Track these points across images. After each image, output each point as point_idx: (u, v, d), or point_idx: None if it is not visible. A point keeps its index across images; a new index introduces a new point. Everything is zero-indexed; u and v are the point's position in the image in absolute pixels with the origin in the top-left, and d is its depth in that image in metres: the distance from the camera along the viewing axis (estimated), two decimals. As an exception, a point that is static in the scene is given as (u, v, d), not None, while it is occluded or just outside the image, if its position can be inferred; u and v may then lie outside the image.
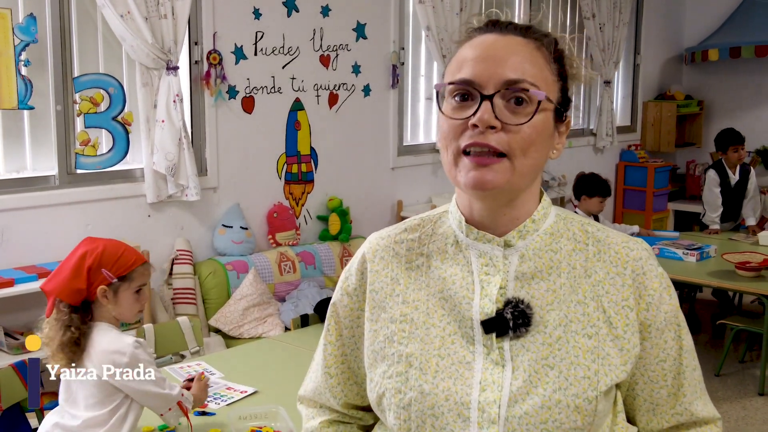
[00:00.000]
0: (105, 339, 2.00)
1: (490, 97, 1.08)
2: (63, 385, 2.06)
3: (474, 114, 1.08)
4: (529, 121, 1.08)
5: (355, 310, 1.24)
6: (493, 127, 1.07)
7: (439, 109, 1.14)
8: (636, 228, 5.25)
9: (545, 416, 1.07)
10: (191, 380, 2.19)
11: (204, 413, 2.29)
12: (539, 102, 1.08)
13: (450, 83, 1.11)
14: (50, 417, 2.09)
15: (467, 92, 1.10)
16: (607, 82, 6.80)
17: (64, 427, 2.01)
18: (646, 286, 1.15)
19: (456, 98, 1.11)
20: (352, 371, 1.27)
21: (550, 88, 1.12)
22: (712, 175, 5.61)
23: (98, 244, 2.04)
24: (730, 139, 5.59)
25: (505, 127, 1.08)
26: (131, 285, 2.06)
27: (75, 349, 1.98)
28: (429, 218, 1.25)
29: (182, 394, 2.07)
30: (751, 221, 5.63)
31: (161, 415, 2.05)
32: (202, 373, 2.36)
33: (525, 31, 1.14)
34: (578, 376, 1.09)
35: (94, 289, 2.00)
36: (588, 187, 4.79)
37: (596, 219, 4.93)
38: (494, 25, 1.15)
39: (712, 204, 5.59)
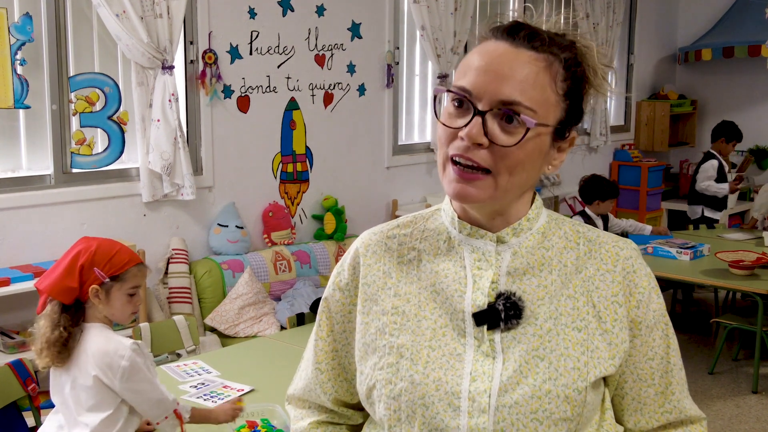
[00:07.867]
0: (99, 339, 1.96)
1: (482, 114, 1.08)
2: (55, 390, 2.01)
3: (466, 126, 1.09)
4: (515, 145, 1.08)
5: (347, 305, 1.25)
6: (480, 144, 1.08)
7: (435, 114, 1.16)
8: (649, 227, 5.29)
9: (535, 405, 1.09)
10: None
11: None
12: (528, 129, 1.08)
13: (448, 90, 1.12)
14: (50, 422, 2.07)
15: (464, 100, 1.10)
16: (601, 82, 6.82)
17: None
18: (637, 284, 1.18)
19: (454, 103, 1.12)
20: (342, 367, 1.27)
21: (550, 110, 1.11)
22: (715, 165, 5.92)
23: (92, 243, 2.00)
24: (736, 133, 5.94)
25: (492, 145, 1.08)
26: (123, 285, 2.00)
27: (62, 349, 1.94)
28: (421, 215, 1.27)
29: (177, 402, 2.03)
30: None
31: (157, 423, 2.00)
32: (241, 399, 2.30)
33: (541, 43, 1.11)
34: (568, 367, 1.11)
35: (87, 288, 1.96)
36: (601, 191, 4.89)
37: (606, 218, 4.99)
38: (511, 32, 1.12)
39: (712, 184, 5.87)
